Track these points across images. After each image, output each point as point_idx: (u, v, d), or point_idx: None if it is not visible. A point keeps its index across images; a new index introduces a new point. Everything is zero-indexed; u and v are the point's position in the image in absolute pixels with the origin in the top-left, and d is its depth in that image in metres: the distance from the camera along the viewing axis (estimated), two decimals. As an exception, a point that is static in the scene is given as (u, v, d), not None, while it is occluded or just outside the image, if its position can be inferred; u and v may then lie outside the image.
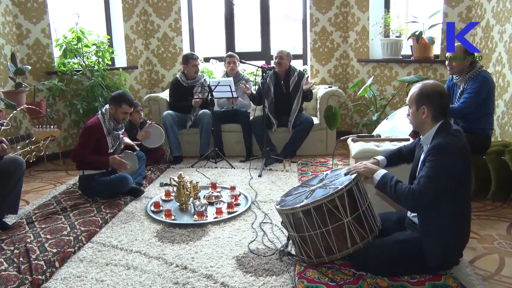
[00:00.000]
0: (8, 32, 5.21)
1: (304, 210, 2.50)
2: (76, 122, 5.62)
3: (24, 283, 2.59)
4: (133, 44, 6.28)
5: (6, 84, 5.12)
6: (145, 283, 2.61)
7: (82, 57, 5.58)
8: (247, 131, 5.23)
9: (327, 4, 6.06)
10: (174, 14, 6.33)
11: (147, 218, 3.59)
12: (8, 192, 3.35)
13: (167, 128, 5.16)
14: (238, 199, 3.81)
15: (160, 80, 6.51)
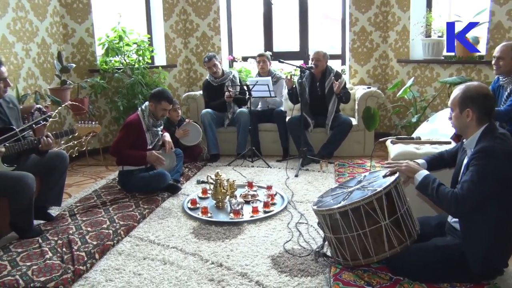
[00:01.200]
0: (55, 32, 5.40)
1: (341, 212, 2.47)
2: (116, 118, 5.76)
3: (67, 272, 2.68)
4: (172, 43, 6.37)
5: (52, 81, 5.32)
6: (181, 279, 2.65)
7: (123, 56, 5.71)
8: (284, 131, 5.22)
9: (367, 3, 5.98)
10: (213, 14, 6.39)
11: (184, 215, 3.65)
12: (52, 185, 3.48)
13: (205, 126, 5.22)
14: (274, 199, 3.81)
15: (199, 78, 6.59)
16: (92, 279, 2.68)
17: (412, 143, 3.35)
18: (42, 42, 5.19)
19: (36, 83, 5.06)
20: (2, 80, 3.16)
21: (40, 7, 5.13)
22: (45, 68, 5.22)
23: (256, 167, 4.97)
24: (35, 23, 5.06)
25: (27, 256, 2.92)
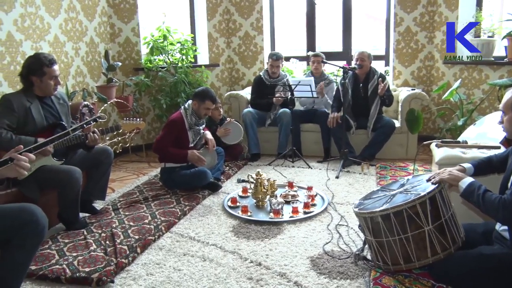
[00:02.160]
0: (103, 32, 5.56)
1: (383, 215, 2.43)
2: (159, 116, 5.88)
3: (110, 264, 2.76)
4: (215, 42, 6.44)
5: (99, 79, 5.48)
6: (220, 276, 2.67)
7: (167, 55, 5.82)
8: (326, 132, 5.18)
9: (413, 3, 5.83)
10: (256, 13, 6.41)
11: (224, 213, 3.67)
12: (98, 179, 3.58)
13: (246, 125, 5.24)
14: (315, 200, 3.79)
15: (241, 78, 6.62)
16: (134, 272, 2.74)
17: (458, 147, 3.24)
18: (91, 42, 5.36)
19: (84, 80, 5.23)
20: (53, 78, 3.28)
21: (89, 7, 5.30)
22: (92, 66, 5.39)
23: (296, 167, 4.95)
24: (85, 23, 5.24)
25: (73, 247, 3.02)
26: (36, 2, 4.45)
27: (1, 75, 4.04)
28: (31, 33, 4.39)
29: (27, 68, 3.24)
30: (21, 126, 3.17)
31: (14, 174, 1.96)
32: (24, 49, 4.29)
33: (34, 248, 2.10)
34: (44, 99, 3.35)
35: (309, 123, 5.39)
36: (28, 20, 4.35)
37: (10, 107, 3.13)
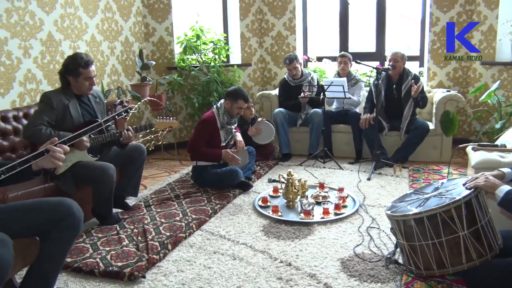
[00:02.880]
0: (137, 31, 5.67)
1: (416, 218, 2.38)
2: (191, 115, 5.94)
3: (142, 260, 2.81)
4: (248, 42, 6.45)
5: (133, 77, 5.58)
6: (249, 275, 2.67)
7: (200, 54, 5.87)
8: (358, 133, 5.12)
9: (450, 2, 5.68)
10: (288, 13, 6.39)
11: (255, 212, 3.68)
12: (131, 176, 3.65)
13: (277, 125, 5.23)
14: (346, 201, 3.75)
15: (273, 78, 6.62)
16: (165, 268, 2.78)
17: (496, 151, 3.14)
18: (126, 41, 5.46)
19: (118, 79, 5.33)
20: (88, 79, 3.34)
21: (125, 7, 5.40)
22: (127, 65, 5.49)
23: (327, 168, 4.92)
24: (120, 23, 5.34)
25: (106, 242, 3.09)
26: (75, 3, 4.57)
27: (41, 73, 4.16)
28: (70, 33, 4.51)
29: (65, 67, 3.33)
30: (59, 123, 3.27)
31: (50, 165, 2.02)
32: (63, 49, 4.41)
33: (70, 241, 2.16)
34: (81, 97, 3.43)
35: (340, 124, 5.34)
36: (67, 20, 4.47)
37: (50, 105, 3.23)
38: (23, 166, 1.94)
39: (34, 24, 4.08)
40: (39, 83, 4.14)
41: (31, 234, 2.08)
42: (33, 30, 4.07)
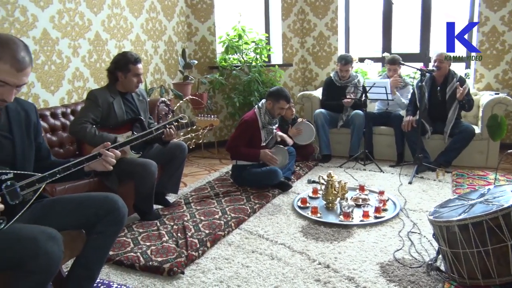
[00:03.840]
0: (180, 31, 5.76)
1: (460, 225, 2.30)
2: (232, 114, 5.98)
3: (181, 256, 2.84)
4: (289, 42, 6.44)
5: (176, 76, 5.67)
6: (287, 275, 2.66)
7: (241, 54, 5.90)
8: (400, 136, 5.01)
9: (501, 0, 5.48)
10: (331, 13, 6.33)
11: (293, 213, 3.66)
12: (172, 173, 3.71)
13: (318, 126, 5.19)
14: (386, 204, 3.68)
15: (314, 78, 6.58)
16: (203, 265, 2.81)
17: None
18: (169, 40, 5.56)
19: (161, 77, 5.43)
20: (137, 75, 3.44)
21: (169, 8, 5.50)
22: (170, 64, 5.59)
23: (368, 170, 4.84)
24: (164, 22, 5.44)
25: (147, 237, 3.15)
26: (122, 3, 4.69)
27: (88, 72, 4.30)
28: (116, 32, 4.63)
29: (115, 64, 3.44)
30: (104, 120, 3.37)
31: (101, 168, 2.11)
32: (109, 48, 4.54)
33: (114, 235, 2.22)
34: (125, 95, 3.52)
35: (382, 126, 5.25)
36: (114, 20, 4.60)
37: (96, 102, 3.33)
38: (77, 167, 2.03)
39: (83, 24, 4.22)
40: (86, 81, 4.27)
41: (79, 227, 2.15)
42: (82, 30, 4.21)
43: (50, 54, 3.89)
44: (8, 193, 1.82)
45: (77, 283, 2.19)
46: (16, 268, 1.75)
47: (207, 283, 2.61)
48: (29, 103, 2.12)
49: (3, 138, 1.94)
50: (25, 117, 2.04)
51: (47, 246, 1.74)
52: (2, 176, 1.81)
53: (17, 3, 3.58)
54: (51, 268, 1.77)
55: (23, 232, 1.78)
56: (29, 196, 1.89)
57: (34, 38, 3.73)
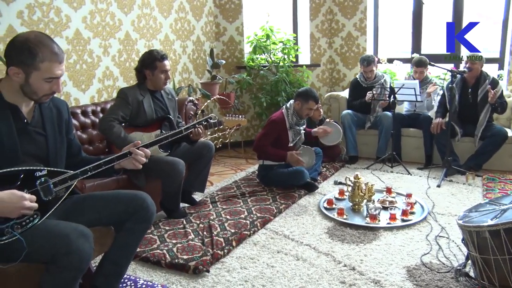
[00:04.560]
0: (209, 31, 5.80)
1: (492, 231, 2.24)
2: (259, 114, 5.99)
3: (207, 254, 2.86)
4: (317, 42, 6.41)
5: (203, 76, 5.72)
6: (312, 276, 2.65)
7: (269, 54, 5.90)
8: (429, 138, 4.92)
9: (539, 0, 5.32)
10: (359, 13, 6.27)
11: (319, 214, 3.64)
12: (199, 172, 3.74)
13: (345, 127, 5.15)
14: (414, 208, 3.62)
15: (341, 79, 6.53)
16: (228, 264, 2.82)
17: None
18: (197, 40, 5.61)
19: (189, 77, 5.49)
20: (164, 72, 3.48)
21: (197, 8, 5.55)
22: (198, 63, 5.64)
23: (395, 173, 4.78)
24: (193, 22, 5.49)
25: (173, 234, 3.19)
26: (151, 3, 4.76)
27: (118, 71, 4.37)
28: (145, 32, 4.70)
29: (142, 62, 3.50)
30: (133, 118, 3.42)
31: (130, 167, 2.15)
32: (139, 47, 4.61)
33: (142, 233, 2.26)
34: (155, 93, 3.57)
35: (411, 128, 5.17)
36: (144, 20, 4.67)
37: (126, 100, 3.39)
38: (108, 165, 2.08)
39: (114, 24, 4.29)
40: (115, 79, 4.35)
41: (108, 223, 2.20)
42: (113, 30, 4.29)
43: (81, 53, 3.97)
44: (42, 189, 1.87)
45: (105, 278, 2.25)
46: (49, 263, 1.81)
47: (231, 282, 2.62)
48: (61, 100, 2.18)
49: (37, 134, 2.00)
50: (57, 114, 2.10)
51: (79, 243, 1.79)
52: (37, 173, 1.87)
53: (52, 4, 3.67)
54: (82, 264, 1.82)
55: (57, 229, 1.83)
56: (62, 193, 1.94)
57: (67, 38, 3.83)
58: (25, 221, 1.80)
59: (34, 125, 1.99)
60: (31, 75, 1.83)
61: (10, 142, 1.87)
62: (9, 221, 1.76)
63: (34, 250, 1.78)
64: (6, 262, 1.76)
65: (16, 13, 3.43)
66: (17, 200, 1.73)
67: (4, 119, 1.87)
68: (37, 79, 1.84)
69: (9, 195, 1.72)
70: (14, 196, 1.73)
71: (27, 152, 1.94)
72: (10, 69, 1.83)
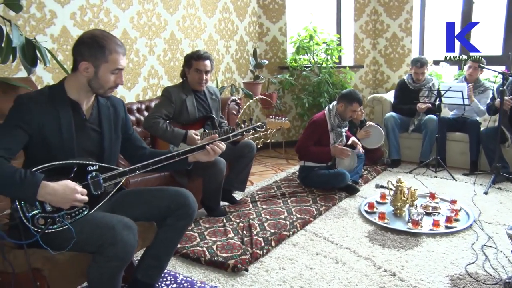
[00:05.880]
0: (252, 31, 5.84)
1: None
2: (300, 115, 5.97)
3: (246, 253, 2.88)
4: (361, 43, 6.32)
5: (246, 76, 5.76)
6: (351, 280, 2.62)
7: (312, 54, 5.88)
8: (475, 143, 4.75)
9: None
10: (405, 14, 6.14)
11: (360, 217, 3.60)
12: (239, 171, 3.76)
13: (388, 130, 5.06)
14: (459, 214, 3.51)
15: (385, 80, 6.41)
16: (267, 264, 2.83)
17: None
18: (240, 40, 5.65)
19: (232, 76, 5.54)
20: (197, 71, 3.52)
21: (241, 8, 5.59)
22: (240, 63, 5.68)
23: (439, 178, 4.65)
24: (236, 22, 5.54)
25: (213, 232, 3.22)
26: (196, 4, 4.84)
27: (163, 69, 4.47)
28: (190, 32, 4.78)
29: (184, 59, 3.57)
30: (176, 116, 3.49)
31: (205, 159, 2.29)
32: (183, 47, 4.69)
33: (183, 229, 2.31)
34: (198, 93, 3.62)
35: (457, 132, 5.01)
36: (188, 20, 4.75)
37: (169, 99, 3.46)
38: (183, 156, 2.19)
39: (160, 24, 4.39)
40: (160, 78, 4.45)
41: (150, 218, 2.26)
42: (158, 30, 4.38)
43: (128, 52, 4.09)
44: (92, 184, 1.96)
45: (146, 272, 2.31)
46: (95, 253, 1.88)
47: (270, 282, 2.63)
48: (117, 99, 2.27)
49: (93, 131, 2.09)
50: (114, 112, 2.19)
51: (124, 234, 1.86)
52: (89, 167, 1.96)
53: (102, 5, 3.80)
54: (126, 255, 1.88)
55: (104, 220, 1.90)
56: (110, 188, 2.02)
57: (115, 37, 3.94)
58: (75, 212, 1.89)
59: (91, 121, 2.08)
60: (100, 67, 1.94)
61: (68, 136, 1.96)
62: (60, 211, 1.85)
63: (82, 240, 1.86)
64: (56, 250, 1.85)
65: (70, 14, 3.57)
66: (70, 192, 1.82)
67: (65, 114, 1.96)
68: (105, 71, 1.95)
69: (63, 186, 1.82)
70: (68, 188, 1.82)
71: (82, 147, 2.02)
72: (81, 64, 1.94)
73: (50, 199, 1.80)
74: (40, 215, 1.82)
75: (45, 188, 1.77)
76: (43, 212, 1.83)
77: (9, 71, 3.21)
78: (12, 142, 1.84)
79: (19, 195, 1.78)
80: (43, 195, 1.77)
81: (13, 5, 2.59)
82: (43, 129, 1.90)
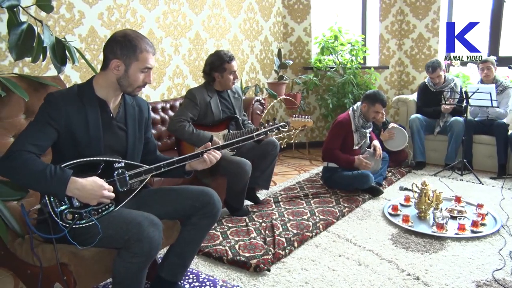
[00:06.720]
0: (276, 31, 5.84)
1: None
2: (324, 116, 5.95)
3: (268, 253, 2.89)
4: (386, 44, 6.26)
5: (270, 76, 5.77)
6: (374, 283, 2.61)
7: (337, 55, 5.85)
8: (503, 146, 4.65)
9: None
10: (432, 14, 6.04)
11: (384, 219, 3.57)
12: (264, 169, 3.75)
13: (413, 131, 4.99)
14: (485, 219, 3.44)
15: (410, 82, 6.33)
16: (289, 264, 2.83)
17: None
18: (265, 40, 5.66)
19: (256, 76, 5.55)
20: (232, 73, 3.55)
21: (266, 8, 5.60)
22: (265, 63, 5.69)
23: (465, 181, 4.57)
24: (261, 22, 5.55)
25: (235, 232, 3.24)
26: (221, 4, 4.87)
27: (188, 69, 4.51)
28: (215, 32, 4.81)
29: (210, 65, 3.57)
30: (201, 118, 3.52)
31: (201, 167, 2.26)
32: (208, 46, 4.73)
33: (207, 228, 2.33)
34: (221, 93, 3.65)
35: (484, 135, 4.90)
36: (213, 20, 4.78)
37: (194, 101, 3.49)
38: (180, 164, 2.19)
39: (185, 24, 4.44)
40: (185, 78, 4.49)
41: (175, 217, 2.29)
42: (184, 30, 4.43)
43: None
44: (119, 181, 2.00)
45: (170, 269, 2.34)
46: (121, 248, 1.92)
47: (292, 283, 2.63)
48: (142, 99, 2.30)
49: (119, 130, 2.13)
50: (139, 112, 2.22)
51: (149, 231, 1.89)
52: (115, 164, 2.00)
53: (128, 5, 3.86)
54: (151, 251, 1.91)
55: (130, 217, 1.94)
56: (136, 185, 2.06)
57: (141, 37, 4.00)
58: (101, 208, 1.93)
59: (118, 120, 2.12)
60: (131, 65, 1.99)
61: (95, 133, 2.00)
62: (88, 207, 1.90)
63: (108, 236, 1.90)
64: (82, 245, 1.89)
65: (97, 14, 3.64)
66: (98, 188, 1.87)
67: (93, 111, 2.00)
68: (135, 70, 1.99)
69: (91, 183, 1.86)
70: (95, 184, 1.87)
71: (108, 144, 2.07)
72: (112, 62, 1.98)
73: (78, 195, 1.85)
74: (68, 210, 1.87)
75: (74, 183, 1.82)
76: (71, 207, 1.87)
77: (38, 70, 3.29)
78: (42, 138, 1.89)
79: (49, 190, 1.83)
80: (71, 190, 1.82)
81: (45, 6, 2.65)
82: (71, 126, 1.94)
